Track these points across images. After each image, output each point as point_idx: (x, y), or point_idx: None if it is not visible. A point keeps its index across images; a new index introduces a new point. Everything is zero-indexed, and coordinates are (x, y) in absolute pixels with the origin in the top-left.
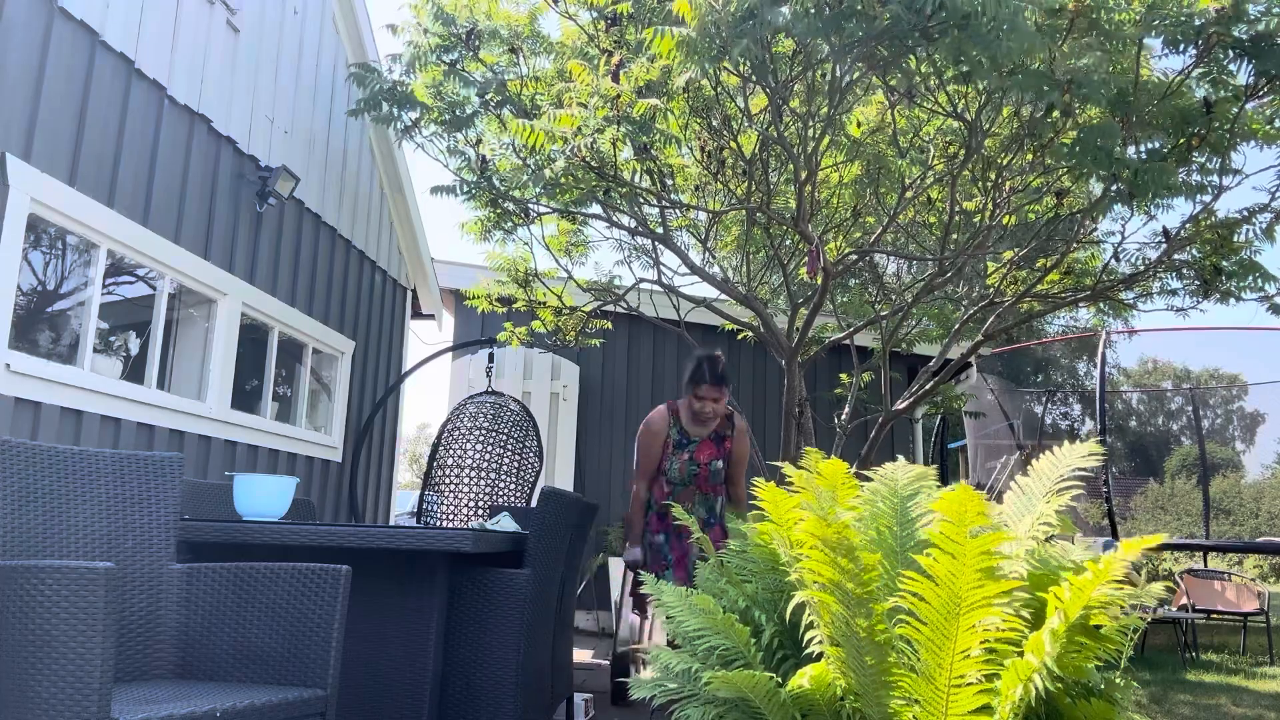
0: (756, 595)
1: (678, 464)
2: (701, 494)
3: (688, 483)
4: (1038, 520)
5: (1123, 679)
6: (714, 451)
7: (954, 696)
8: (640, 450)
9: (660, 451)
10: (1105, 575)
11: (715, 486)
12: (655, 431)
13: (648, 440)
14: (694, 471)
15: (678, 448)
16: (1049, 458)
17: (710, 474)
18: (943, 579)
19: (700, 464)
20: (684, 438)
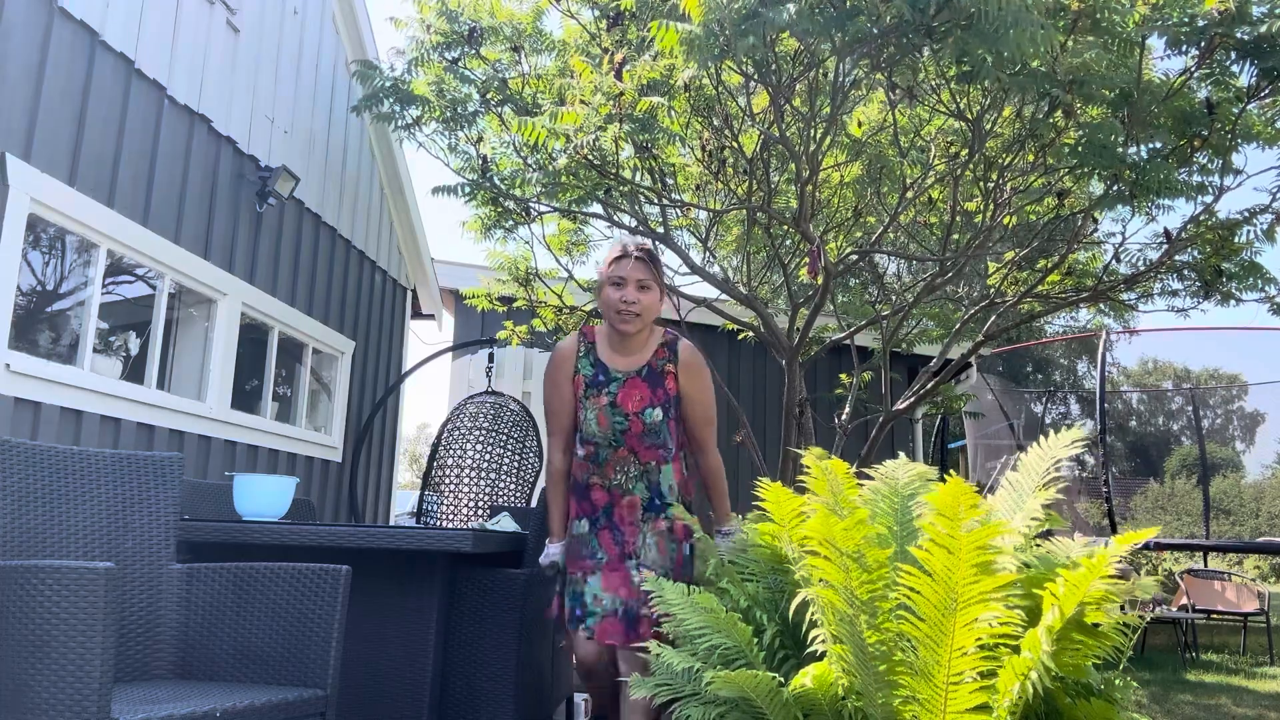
0: (758, 595)
1: (595, 413)
2: (638, 461)
3: (615, 443)
4: (1028, 515)
5: (1122, 678)
6: (647, 394)
7: (952, 694)
8: (545, 395)
9: (570, 395)
10: (1099, 570)
11: (656, 449)
12: (559, 364)
13: (551, 378)
14: (620, 425)
15: (592, 388)
16: (1036, 451)
17: (646, 429)
18: (939, 574)
19: (628, 413)
20: (601, 373)
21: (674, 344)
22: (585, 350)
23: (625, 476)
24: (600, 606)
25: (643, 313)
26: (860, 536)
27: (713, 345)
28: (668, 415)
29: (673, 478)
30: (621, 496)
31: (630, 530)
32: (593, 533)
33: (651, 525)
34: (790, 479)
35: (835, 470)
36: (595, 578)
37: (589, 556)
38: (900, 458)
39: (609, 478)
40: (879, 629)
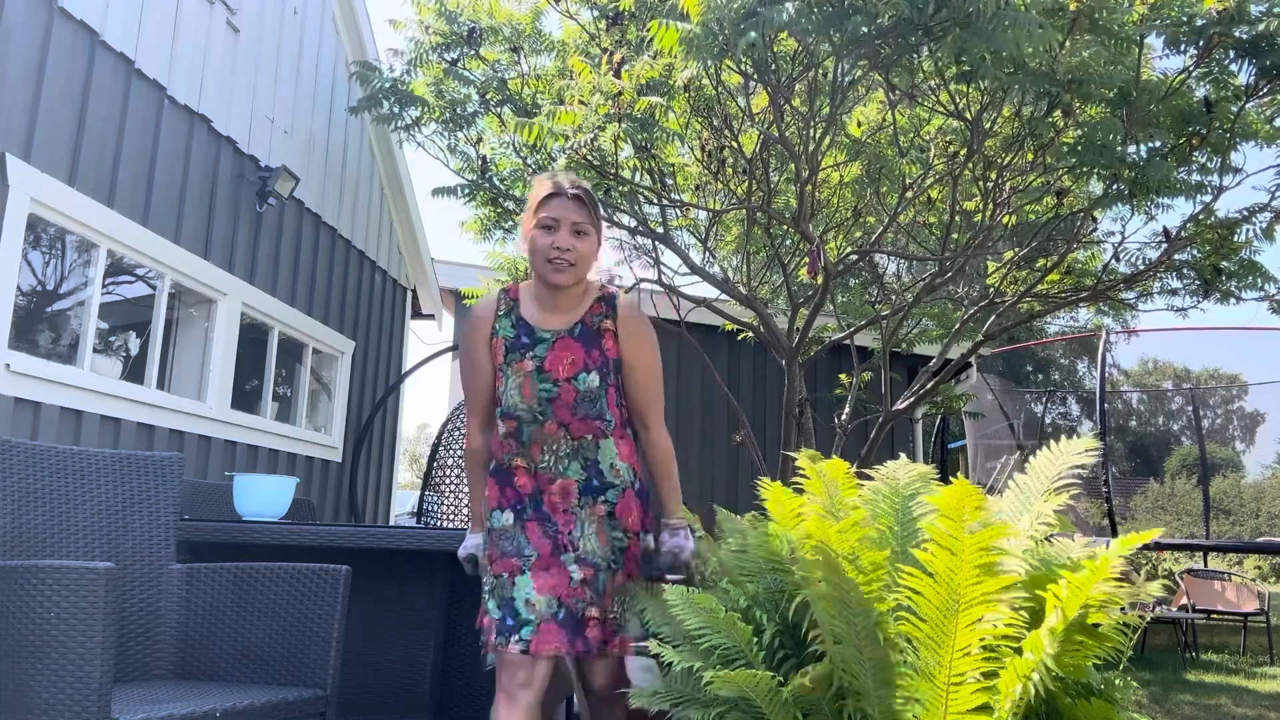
0: (758, 594)
1: (517, 381)
2: (569, 437)
3: (541, 417)
4: (1036, 519)
5: (1122, 678)
6: (580, 356)
7: (953, 695)
8: (460, 365)
9: (488, 362)
10: (1102, 572)
11: (591, 422)
12: (474, 326)
13: (464, 344)
14: (547, 394)
15: (514, 352)
16: (1046, 455)
17: (579, 398)
18: (941, 575)
19: (557, 380)
20: (524, 334)
21: (612, 298)
22: (506, 309)
23: (554, 457)
24: (534, 613)
25: (578, 262)
26: (856, 538)
27: (713, 345)
28: (606, 381)
29: (616, 454)
30: (551, 480)
31: (564, 519)
32: (518, 525)
33: (589, 510)
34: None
35: (833, 471)
36: (525, 578)
37: (515, 554)
38: (900, 458)
39: (535, 459)
40: (877, 629)
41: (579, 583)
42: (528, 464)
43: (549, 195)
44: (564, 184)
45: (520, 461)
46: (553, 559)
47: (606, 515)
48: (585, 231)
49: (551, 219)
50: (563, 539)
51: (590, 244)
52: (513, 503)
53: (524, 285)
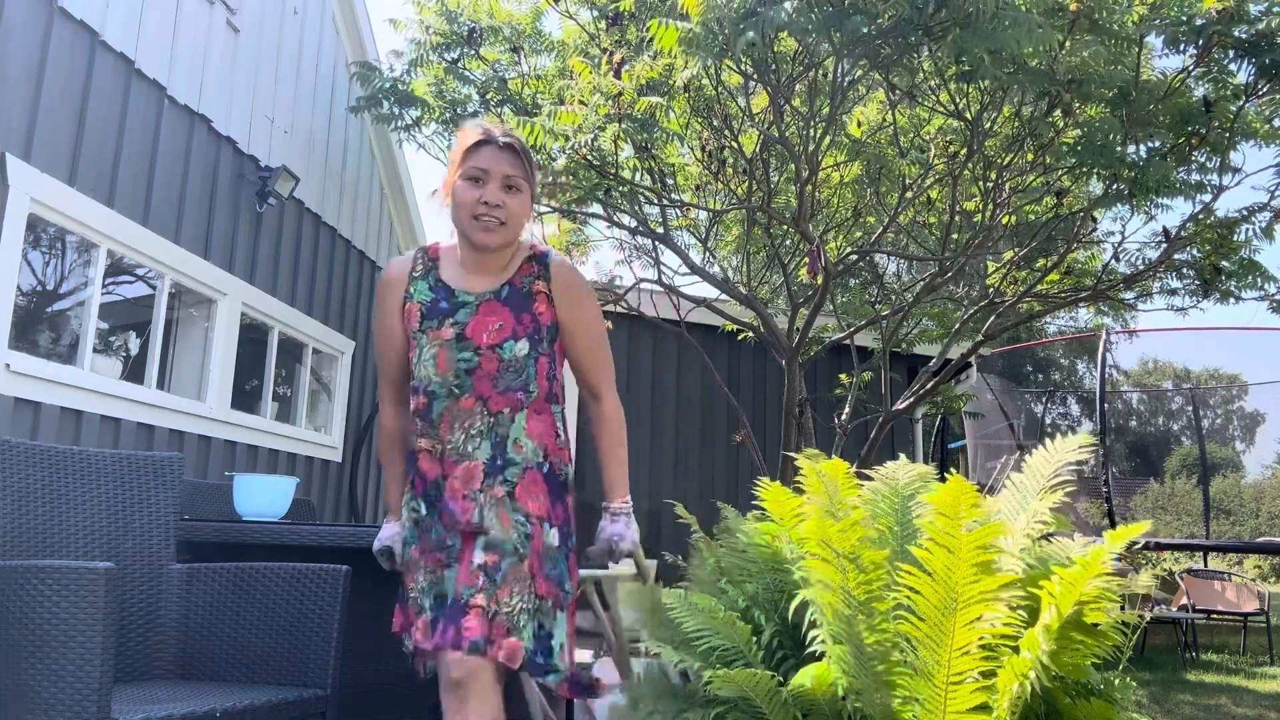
0: (757, 595)
1: (433, 351)
2: (487, 412)
3: (457, 390)
4: (1033, 517)
5: (1122, 678)
6: (509, 321)
7: (952, 694)
8: (374, 333)
9: (400, 330)
10: (1095, 568)
11: (513, 394)
12: (385, 289)
13: (376, 310)
14: (466, 364)
15: (431, 319)
16: (1043, 453)
17: (503, 367)
18: (939, 574)
19: (479, 347)
20: (443, 298)
21: (544, 257)
22: (423, 270)
23: (465, 435)
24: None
25: (509, 221)
26: (856, 538)
27: (713, 345)
28: (537, 350)
29: (525, 430)
30: (457, 464)
31: (463, 506)
32: (433, 515)
33: (488, 493)
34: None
35: (833, 471)
36: (452, 571)
37: (437, 548)
38: (900, 458)
39: (442, 439)
40: (877, 629)
41: (477, 568)
42: (433, 445)
43: (477, 143)
44: (494, 132)
45: (425, 443)
46: (465, 549)
47: (506, 496)
48: (518, 187)
49: (479, 170)
50: (461, 526)
51: (523, 201)
52: (422, 490)
53: (445, 245)
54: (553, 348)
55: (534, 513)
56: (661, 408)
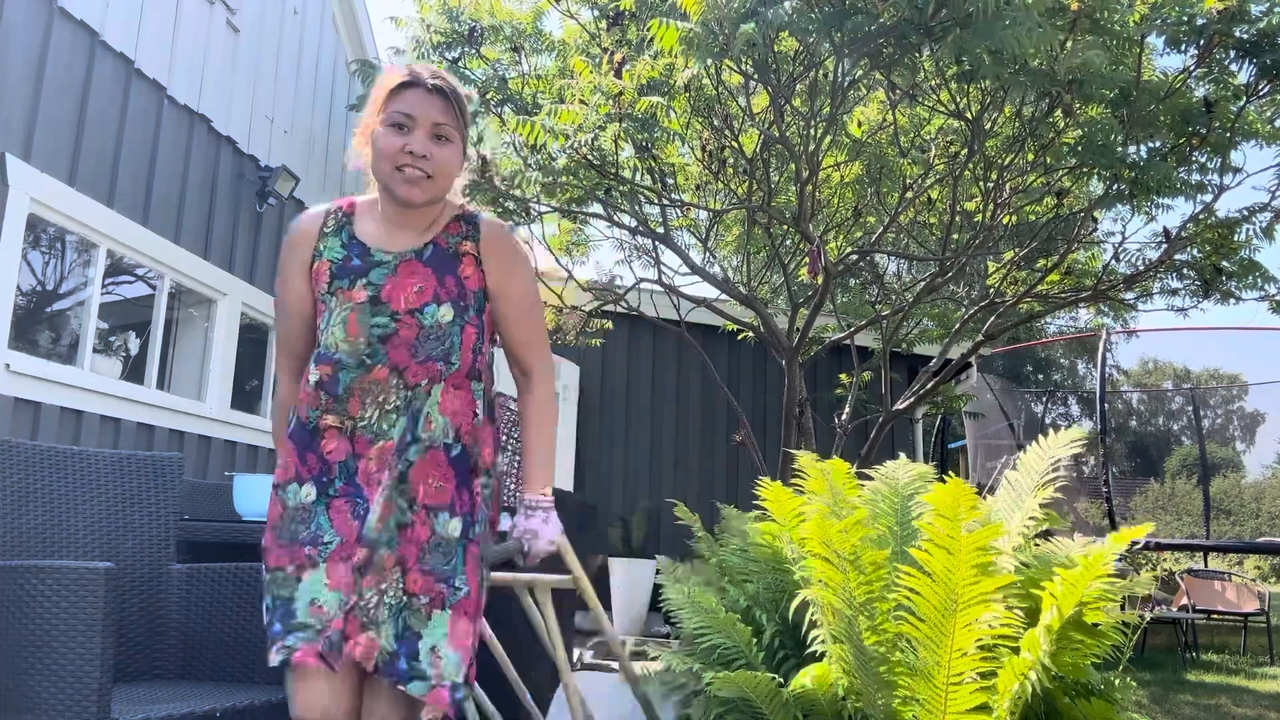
0: (758, 595)
1: (343, 314)
2: (404, 385)
3: (369, 360)
4: (1027, 515)
5: (1122, 678)
6: (430, 283)
7: (952, 694)
8: (276, 293)
9: (305, 291)
10: (1097, 568)
11: (432, 365)
12: (291, 246)
13: (279, 267)
14: (380, 330)
15: (342, 279)
16: (1035, 450)
17: (423, 334)
18: (939, 575)
19: (397, 312)
20: (357, 256)
21: (474, 218)
22: (336, 225)
23: (379, 411)
24: (318, 617)
25: (436, 174)
26: (858, 538)
27: (713, 345)
28: (462, 317)
29: (439, 406)
30: (371, 444)
31: (374, 493)
32: (321, 504)
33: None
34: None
35: (834, 471)
36: (318, 574)
37: (309, 542)
38: (900, 458)
39: (352, 415)
40: (878, 630)
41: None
42: (341, 422)
43: (403, 85)
44: (423, 74)
45: (331, 420)
46: (356, 545)
47: (396, 480)
48: (448, 137)
49: (405, 115)
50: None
51: (454, 153)
52: (316, 474)
53: (363, 199)
54: (481, 318)
55: (422, 500)
56: (661, 408)
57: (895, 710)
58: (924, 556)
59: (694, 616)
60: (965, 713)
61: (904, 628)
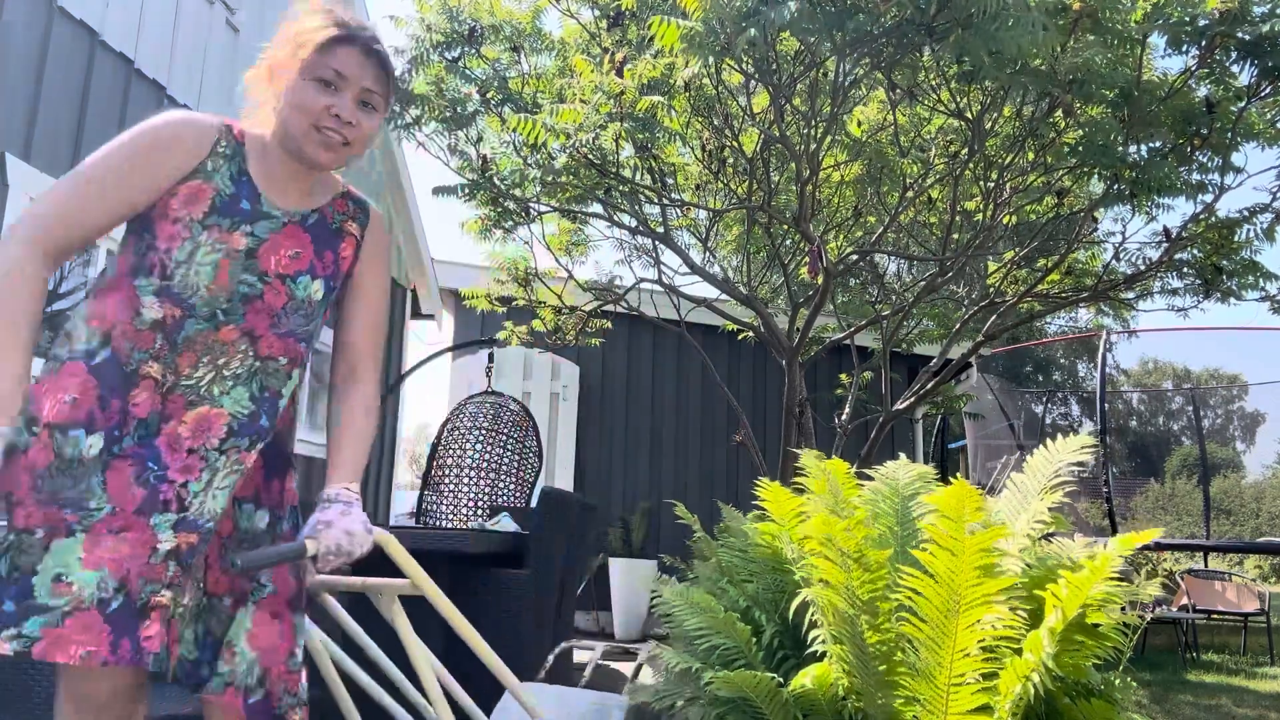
0: (758, 595)
1: (213, 256)
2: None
3: (224, 318)
4: (1033, 518)
5: (1122, 679)
6: (308, 253)
7: (954, 695)
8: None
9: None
10: (1102, 572)
11: (295, 345)
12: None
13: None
14: (247, 290)
15: (225, 216)
16: (1043, 454)
17: (289, 307)
18: (942, 576)
19: (266, 274)
20: (249, 199)
21: (363, 201)
22: (229, 151)
23: (214, 374)
24: (65, 596)
25: (354, 143)
26: (861, 537)
27: (713, 345)
28: (328, 299)
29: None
30: (188, 407)
31: (184, 463)
32: (100, 460)
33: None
34: (790, 479)
35: (835, 471)
36: (73, 542)
37: (73, 504)
38: (900, 458)
39: (179, 372)
40: (879, 629)
41: (164, 556)
42: (163, 375)
43: (339, 38)
44: (360, 32)
45: (154, 369)
46: (136, 518)
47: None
48: (375, 106)
49: (336, 74)
50: (167, 492)
51: (375, 123)
52: (112, 425)
53: (252, 131)
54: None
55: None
56: (661, 408)
57: (896, 710)
58: (927, 557)
59: (693, 616)
60: (967, 713)
61: (906, 628)
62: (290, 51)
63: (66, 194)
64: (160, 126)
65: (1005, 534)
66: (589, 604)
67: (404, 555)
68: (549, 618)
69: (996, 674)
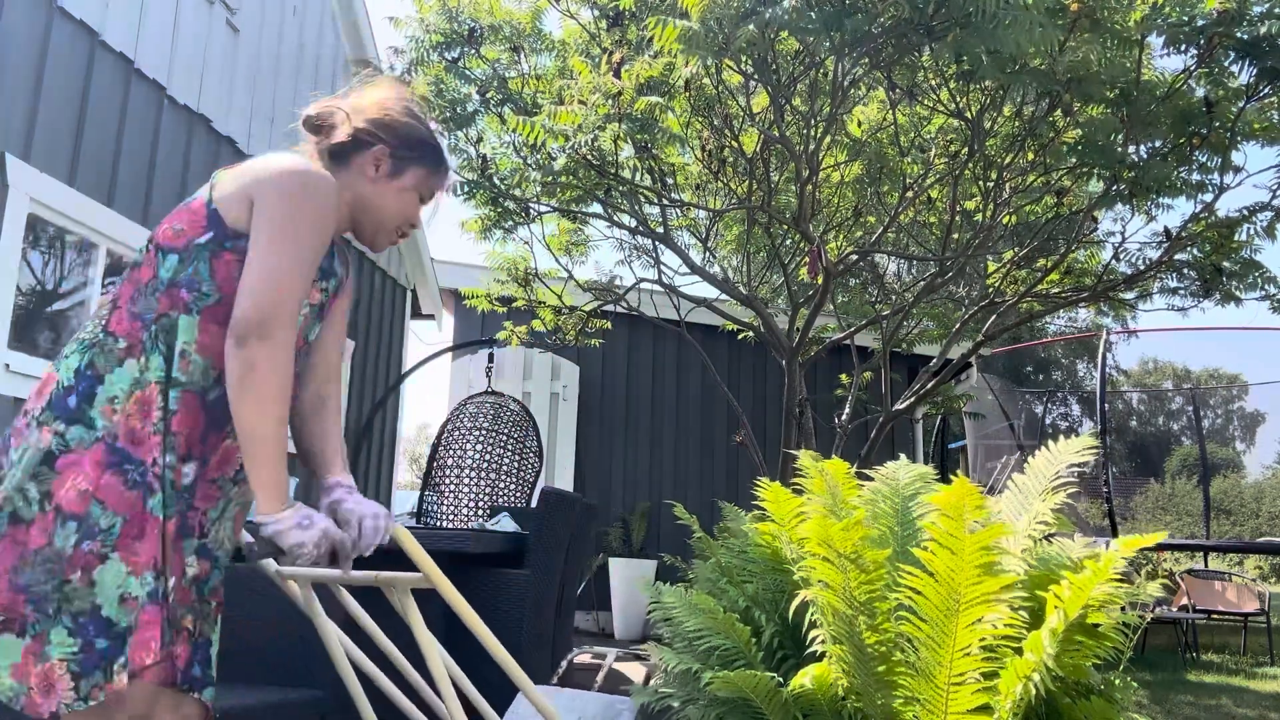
0: (757, 595)
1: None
2: None
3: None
4: (1034, 518)
5: (1122, 678)
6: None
7: (954, 695)
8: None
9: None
10: (1104, 573)
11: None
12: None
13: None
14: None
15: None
16: (1045, 454)
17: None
18: (942, 575)
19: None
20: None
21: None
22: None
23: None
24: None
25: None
26: (858, 538)
27: (713, 345)
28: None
29: None
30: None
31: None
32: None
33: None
34: (790, 479)
35: (834, 471)
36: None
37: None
38: (900, 458)
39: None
40: (878, 630)
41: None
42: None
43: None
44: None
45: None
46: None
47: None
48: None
49: (430, 197)
50: (192, 519)
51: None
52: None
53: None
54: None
55: None
56: (661, 407)
57: (896, 710)
58: (927, 556)
59: (693, 617)
60: (967, 713)
61: (905, 627)
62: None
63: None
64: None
65: (1005, 532)
66: (589, 604)
67: (417, 549)
68: (549, 618)
69: (997, 674)
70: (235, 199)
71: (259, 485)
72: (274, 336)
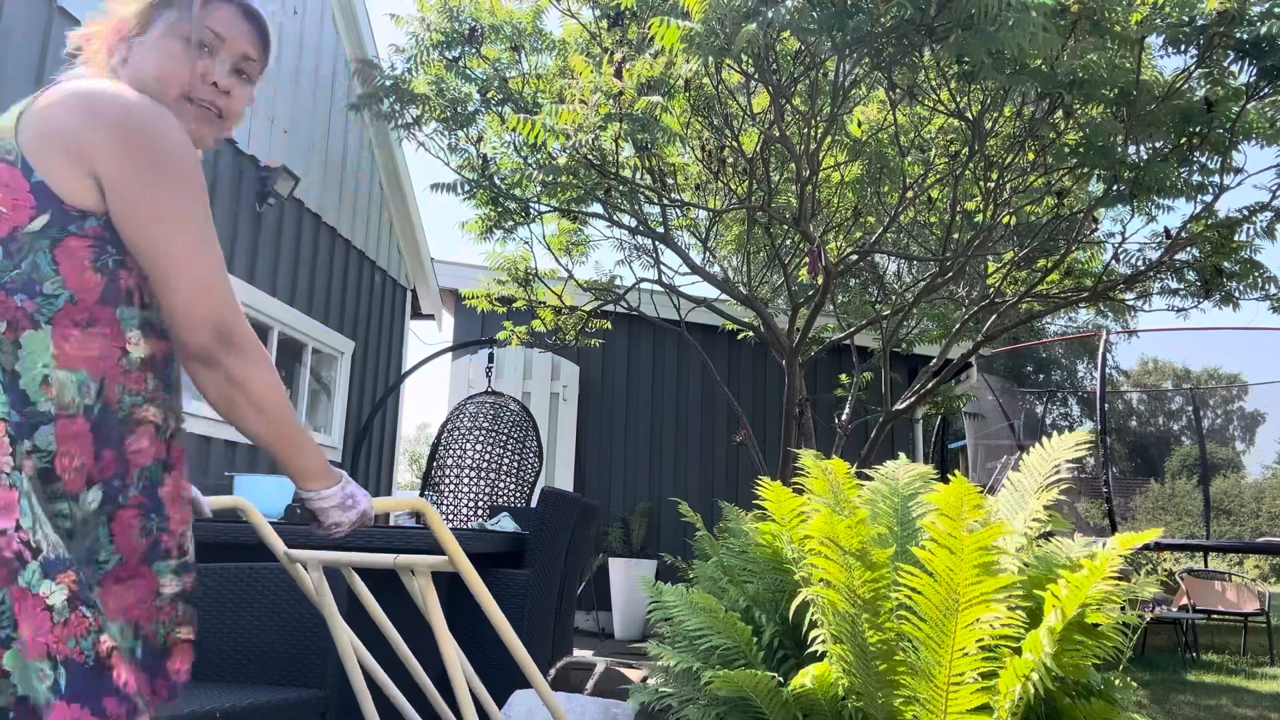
0: (758, 595)
1: None
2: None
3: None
4: (1030, 516)
5: (1122, 678)
6: None
7: (953, 695)
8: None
9: None
10: (1101, 572)
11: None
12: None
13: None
14: None
15: None
16: (1039, 451)
17: None
18: (941, 575)
19: None
20: None
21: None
22: None
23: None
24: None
25: (228, 117)
26: (863, 535)
27: (713, 345)
28: None
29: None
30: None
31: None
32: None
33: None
34: (790, 479)
35: (835, 470)
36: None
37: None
38: (900, 458)
39: (177, 411)
40: (880, 629)
41: (170, 599)
42: (160, 418)
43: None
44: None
45: (152, 413)
46: (140, 566)
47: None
48: (250, 76)
49: (214, 35)
50: (167, 542)
51: (249, 96)
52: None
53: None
54: None
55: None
56: (661, 408)
57: (896, 709)
58: (926, 556)
59: (693, 616)
60: (966, 713)
61: (905, 627)
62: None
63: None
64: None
65: (1004, 531)
66: (589, 604)
67: (444, 530)
68: (549, 618)
69: (996, 673)
70: (61, 166)
71: (300, 474)
72: (238, 341)
